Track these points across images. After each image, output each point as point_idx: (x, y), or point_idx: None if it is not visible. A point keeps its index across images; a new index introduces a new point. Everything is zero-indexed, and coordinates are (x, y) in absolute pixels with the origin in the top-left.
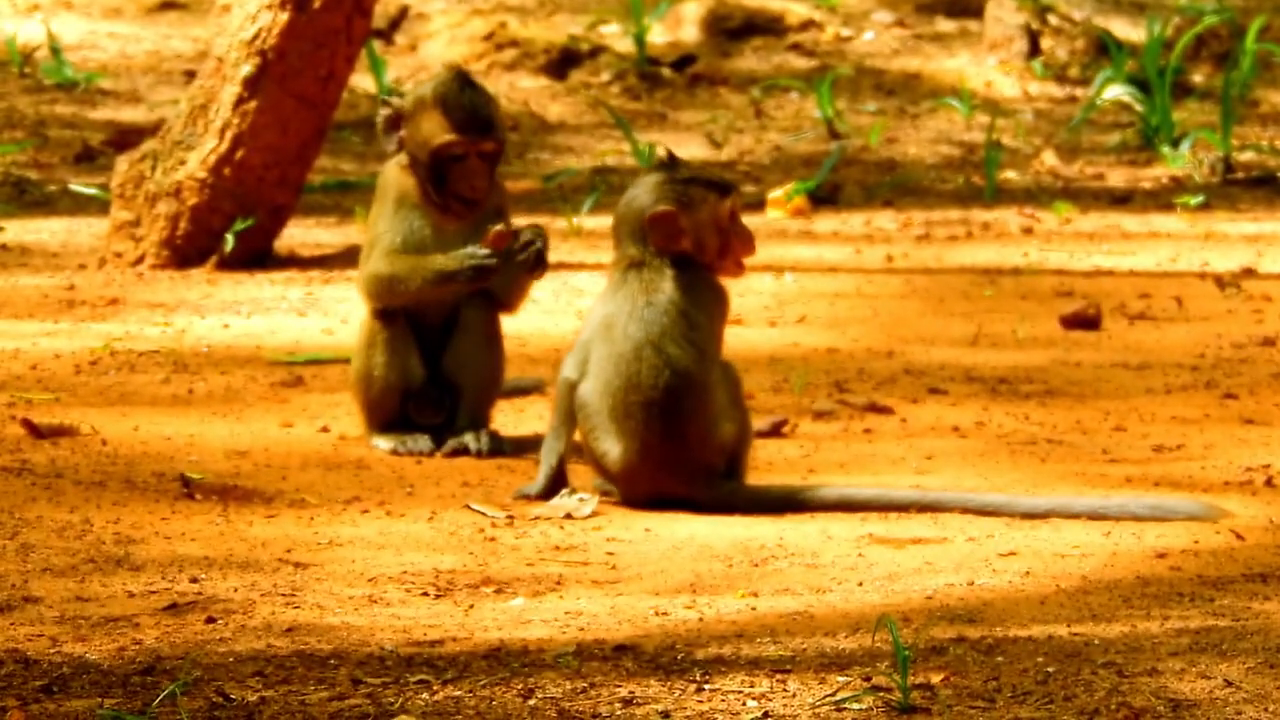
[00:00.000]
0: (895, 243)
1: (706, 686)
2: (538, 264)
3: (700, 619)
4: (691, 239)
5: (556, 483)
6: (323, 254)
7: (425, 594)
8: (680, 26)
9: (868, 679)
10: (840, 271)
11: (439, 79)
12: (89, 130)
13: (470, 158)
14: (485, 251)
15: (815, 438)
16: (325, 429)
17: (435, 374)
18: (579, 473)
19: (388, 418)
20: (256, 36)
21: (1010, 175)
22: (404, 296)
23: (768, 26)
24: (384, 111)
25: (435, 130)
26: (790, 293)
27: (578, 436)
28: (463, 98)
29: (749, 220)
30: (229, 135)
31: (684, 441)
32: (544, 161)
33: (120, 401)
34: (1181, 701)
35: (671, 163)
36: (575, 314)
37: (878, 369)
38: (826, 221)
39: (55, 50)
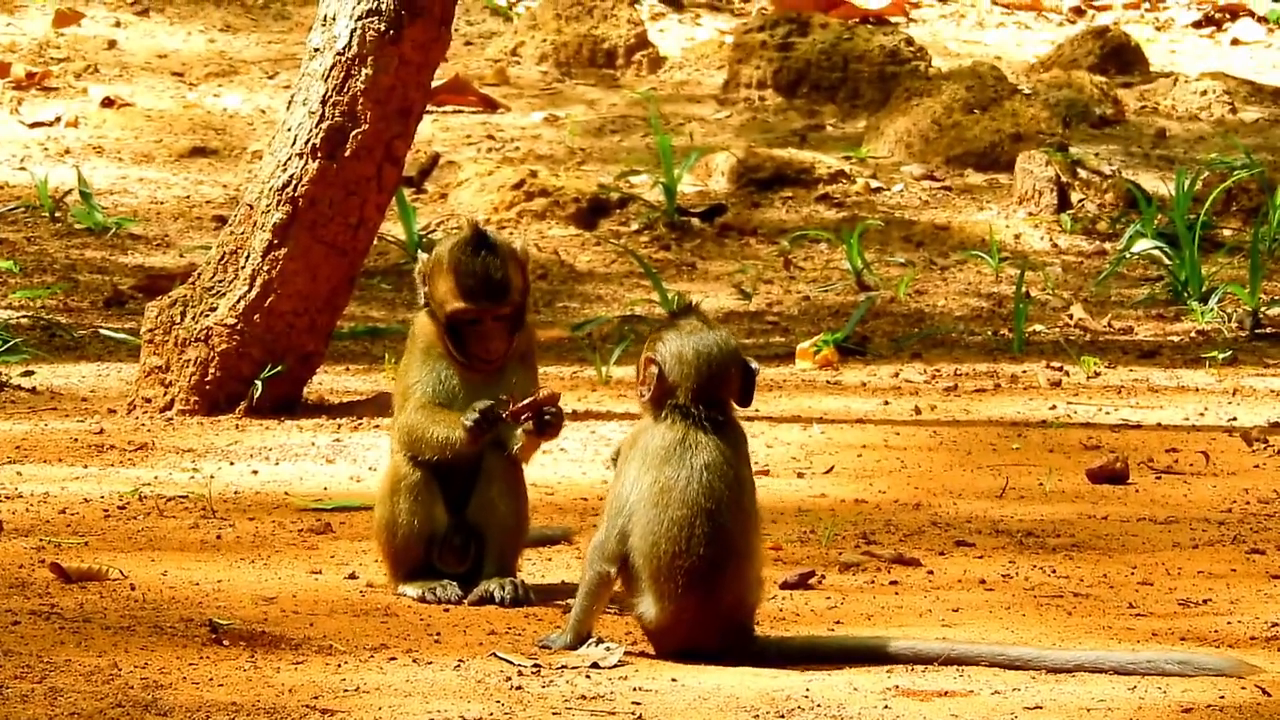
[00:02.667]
0: (923, 395)
1: None
2: (548, 428)
3: None
4: None
5: (581, 643)
6: (351, 401)
7: None
8: (710, 176)
9: None
10: (868, 423)
11: (454, 240)
12: (119, 275)
13: (485, 321)
14: (475, 415)
15: (842, 589)
16: (353, 576)
17: (460, 521)
18: (604, 621)
19: (412, 565)
20: (288, 184)
21: (1039, 328)
22: (432, 449)
23: (797, 177)
24: (419, 264)
25: (448, 296)
26: (818, 444)
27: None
28: (474, 264)
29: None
30: (259, 282)
31: (721, 606)
32: (573, 310)
33: (149, 547)
34: None
35: (697, 309)
36: (603, 463)
37: (905, 521)
38: (854, 373)
39: (86, 195)
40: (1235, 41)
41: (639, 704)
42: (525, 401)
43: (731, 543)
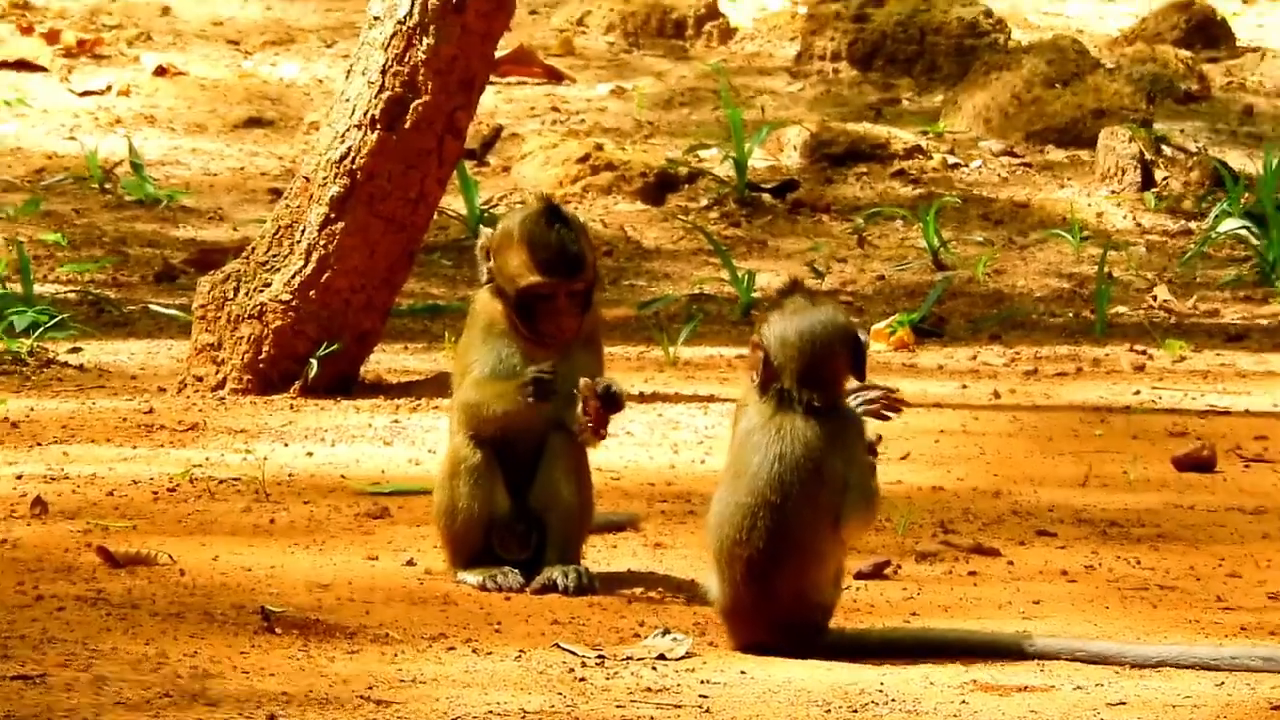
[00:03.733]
0: (1002, 378)
1: None
2: (616, 407)
3: None
4: None
5: None
6: (410, 381)
7: None
8: (782, 151)
9: None
10: (945, 407)
11: (527, 213)
12: (170, 249)
13: (559, 297)
14: (529, 385)
15: (919, 580)
16: (411, 562)
17: (522, 506)
18: (672, 612)
19: (472, 551)
20: (345, 156)
21: (1121, 310)
22: (493, 423)
23: (872, 153)
24: (481, 239)
25: (521, 270)
26: (893, 429)
27: None
28: (549, 236)
29: None
30: (315, 257)
31: (778, 602)
32: (640, 288)
33: (199, 530)
34: None
35: (801, 286)
36: (670, 447)
37: (984, 509)
38: (931, 355)
39: (137, 166)
40: None
41: (706, 697)
42: (590, 412)
43: (793, 539)
